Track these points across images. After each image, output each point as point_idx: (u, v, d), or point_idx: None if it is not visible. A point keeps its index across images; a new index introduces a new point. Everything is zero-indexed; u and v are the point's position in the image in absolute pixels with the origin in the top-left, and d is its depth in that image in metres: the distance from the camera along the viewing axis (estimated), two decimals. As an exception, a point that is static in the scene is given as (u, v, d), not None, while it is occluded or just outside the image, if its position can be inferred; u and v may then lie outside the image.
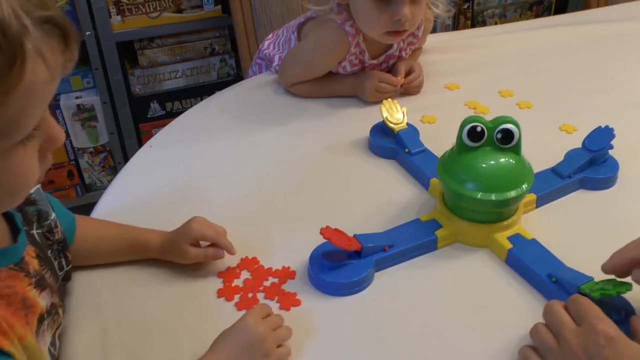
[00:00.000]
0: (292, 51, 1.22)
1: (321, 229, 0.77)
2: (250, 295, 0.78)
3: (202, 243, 0.81)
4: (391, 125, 1.03)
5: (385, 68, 1.23)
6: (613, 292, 0.69)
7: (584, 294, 0.71)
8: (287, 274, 0.80)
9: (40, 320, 0.60)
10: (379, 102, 1.07)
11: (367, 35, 1.15)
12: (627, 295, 0.71)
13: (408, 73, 1.20)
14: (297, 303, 0.77)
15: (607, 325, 0.62)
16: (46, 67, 0.48)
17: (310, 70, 1.18)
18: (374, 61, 1.19)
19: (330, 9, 1.14)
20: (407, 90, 1.20)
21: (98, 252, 0.80)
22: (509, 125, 0.80)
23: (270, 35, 1.36)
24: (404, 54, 1.22)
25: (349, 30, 1.13)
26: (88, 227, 0.79)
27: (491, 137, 0.81)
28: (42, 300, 0.61)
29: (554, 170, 0.94)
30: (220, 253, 0.80)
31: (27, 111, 0.49)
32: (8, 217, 0.62)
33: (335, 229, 0.78)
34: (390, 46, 1.20)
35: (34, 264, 0.62)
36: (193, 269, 0.81)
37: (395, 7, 1.06)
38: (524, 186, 0.81)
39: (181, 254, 0.79)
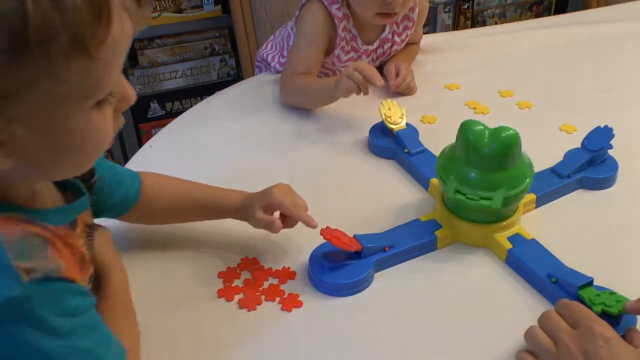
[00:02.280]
0: (290, 49, 1.22)
1: (321, 230, 0.77)
2: (251, 295, 0.78)
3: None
4: (391, 125, 1.03)
5: (381, 53, 1.23)
6: (615, 310, 0.69)
7: (583, 302, 0.71)
8: (287, 275, 0.80)
9: (90, 281, 0.60)
10: (347, 96, 1.05)
11: (358, 20, 1.15)
12: (628, 296, 0.71)
13: (396, 74, 1.20)
14: (298, 304, 0.77)
15: (603, 327, 0.63)
16: (130, 21, 0.48)
17: (303, 61, 1.16)
18: (369, 46, 1.20)
19: None
20: (403, 89, 1.19)
21: (177, 208, 0.81)
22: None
23: (272, 37, 1.37)
24: (397, 38, 1.22)
25: (335, 13, 1.14)
26: (162, 184, 0.79)
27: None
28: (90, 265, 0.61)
29: (553, 170, 0.94)
30: (290, 224, 0.80)
31: (111, 69, 0.49)
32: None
33: (335, 230, 0.78)
34: (382, 30, 1.20)
35: (83, 229, 0.62)
36: (193, 269, 0.81)
37: None
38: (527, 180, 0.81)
39: (251, 216, 0.80)
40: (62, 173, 0.56)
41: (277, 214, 0.81)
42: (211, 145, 1.07)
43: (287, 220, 0.81)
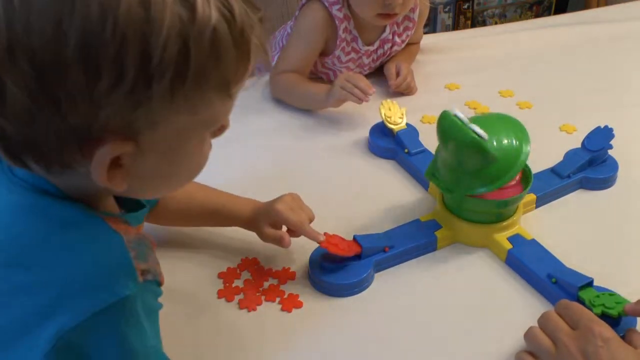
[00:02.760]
0: (281, 51, 1.22)
1: (320, 243, 0.77)
2: (251, 296, 0.78)
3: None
4: (391, 125, 1.03)
5: (382, 54, 1.23)
6: (614, 312, 0.69)
7: (583, 303, 0.71)
8: (287, 275, 0.80)
9: None
10: (338, 106, 1.08)
11: (358, 20, 1.15)
12: (628, 297, 0.71)
13: (396, 74, 1.20)
14: (298, 305, 0.77)
15: (603, 327, 0.63)
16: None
17: (294, 60, 1.16)
18: (369, 47, 1.20)
19: None
20: (403, 89, 1.19)
21: (189, 213, 0.81)
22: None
23: (271, 37, 1.37)
24: (398, 38, 1.22)
25: (336, 13, 1.14)
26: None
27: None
28: None
29: (553, 171, 0.94)
30: (288, 243, 0.79)
31: (233, 102, 0.52)
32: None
33: (334, 236, 0.78)
34: (383, 30, 1.20)
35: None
36: (193, 269, 0.81)
37: None
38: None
39: (259, 231, 0.80)
40: (160, 193, 0.58)
41: (285, 227, 0.81)
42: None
43: (295, 233, 0.81)
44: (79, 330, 0.47)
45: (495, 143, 0.78)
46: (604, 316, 0.67)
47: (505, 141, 0.79)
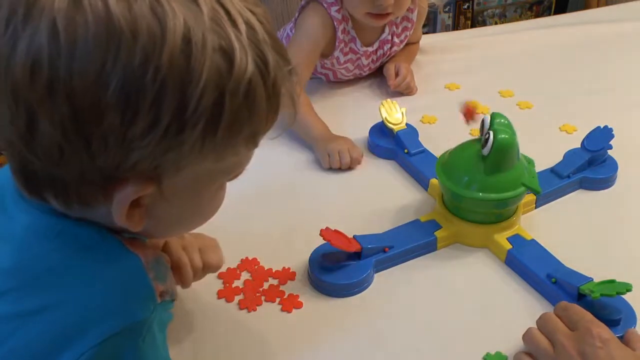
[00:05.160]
0: (289, 46, 1.22)
1: (321, 230, 0.77)
2: (251, 296, 0.78)
3: None
4: (390, 125, 1.03)
5: (381, 55, 1.23)
6: (613, 292, 0.69)
7: (584, 295, 0.72)
8: (287, 275, 0.80)
9: None
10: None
11: (356, 22, 1.15)
12: (628, 297, 0.72)
13: (396, 74, 1.20)
14: (298, 305, 0.77)
15: (602, 329, 0.63)
16: None
17: (298, 60, 1.14)
18: (368, 48, 1.20)
19: None
20: (403, 89, 1.19)
21: None
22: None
23: None
24: (396, 39, 1.22)
25: (334, 15, 1.14)
26: None
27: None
28: None
29: (553, 171, 0.94)
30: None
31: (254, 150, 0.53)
32: None
33: (335, 231, 0.78)
34: (382, 31, 1.20)
35: None
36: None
37: None
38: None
39: None
40: (171, 234, 0.59)
41: None
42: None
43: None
44: (96, 351, 0.47)
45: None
46: (603, 320, 0.67)
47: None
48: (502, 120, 0.80)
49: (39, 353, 0.48)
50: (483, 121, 0.81)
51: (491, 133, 0.78)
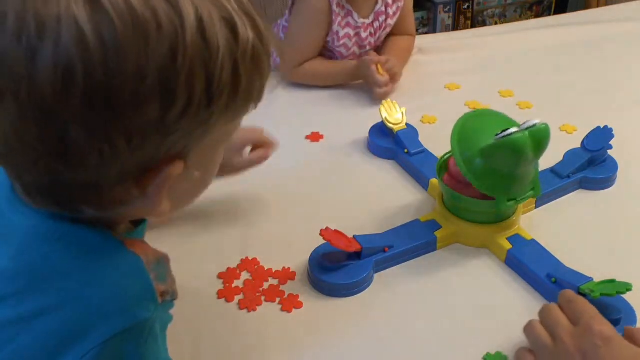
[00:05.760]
0: (285, 36, 1.24)
1: (321, 230, 0.77)
2: (251, 296, 0.78)
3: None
4: (390, 125, 1.03)
5: (378, 27, 1.26)
6: (613, 292, 0.69)
7: (584, 294, 0.72)
8: (287, 275, 0.80)
9: None
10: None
11: None
12: (628, 297, 0.72)
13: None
14: (298, 305, 0.77)
15: (604, 326, 0.61)
16: None
17: (303, 43, 1.21)
18: (365, 20, 1.23)
19: None
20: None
21: None
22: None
23: None
24: (390, 10, 1.25)
25: None
26: None
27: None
28: None
29: (553, 171, 0.95)
30: (267, 153, 0.87)
31: None
32: None
33: (335, 231, 0.78)
34: (375, 3, 1.23)
35: None
36: (193, 269, 0.81)
37: None
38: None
39: (229, 167, 0.83)
40: (181, 207, 0.58)
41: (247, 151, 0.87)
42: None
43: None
44: (98, 352, 0.47)
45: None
46: (605, 317, 0.67)
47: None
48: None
49: (41, 355, 0.48)
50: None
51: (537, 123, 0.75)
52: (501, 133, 0.76)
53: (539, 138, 0.75)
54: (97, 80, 0.41)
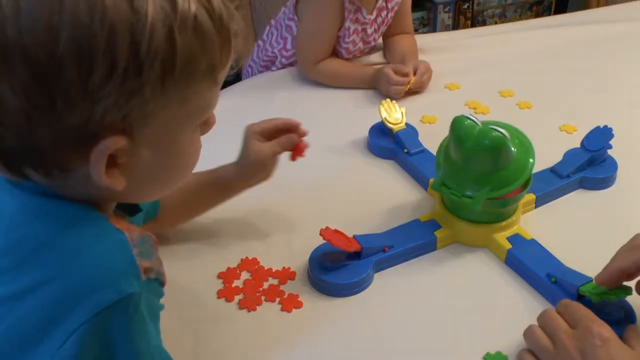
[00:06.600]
0: (299, 32, 1.25)
1: (321, 230, 0.77)
2: (251, 296, 0.78)
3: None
4: (390, 125, 1.03)
5: (381, 22, 1.27)
6: (612, 296, 0.69)
7: (584, 296, 0.72)
8: (287, 275, 0.80)
9: None
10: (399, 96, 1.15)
11: None
12: (628, 297, 0.72)
13: (414, 72, 1.20)
14: (298, 305, 0.77)
15: (602, 328, 0.63)
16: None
17: (321, 39, 1.22)
18: (371, 16, 1.24)
19: None
20: (417, 86, 1.19)
21: (188, 198, 0.81)
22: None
23: (260, 41, 1.37)
24: (389, 4, 1.26)
25: None
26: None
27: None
28: None
29: (553, 170, 0.95)
30: (295, 137, 0.83)
31: (219, 91, 0.54)
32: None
33: (335, 230, 0.78)
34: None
35: None
36: (193, 269, 0.81)
37: None
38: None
39: (258, 163, 0.82)
40: (157, 192, 0.58)
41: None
42: (210, 146, 1.07)
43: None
44: (84, 330, 0.48)
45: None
46: (604, 319, 0.67)
47: (515, 149, 0.80)
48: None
49: (32, 330, 0.49)
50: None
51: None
52: None
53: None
54: (9, 37, 0.42)
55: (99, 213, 0.52)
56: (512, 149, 0.79)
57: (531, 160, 0.82)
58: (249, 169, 0.82)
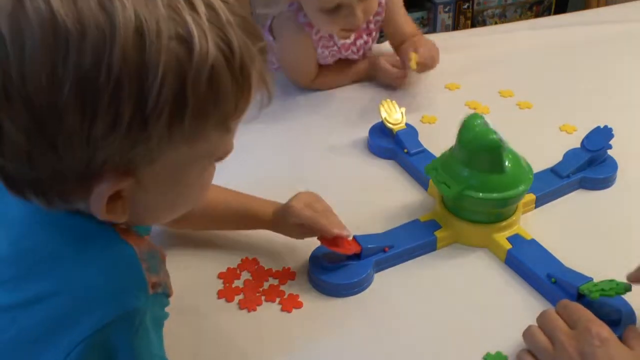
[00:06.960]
0: (282, 58, 1.22)
1: (320, 240, 0.77)
2: (251, 296, 0.78)
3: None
4: (390, 125, 1.03)
5: (362, 44, 1.23)
6: (612, 293, 0.69)
7: (583, 295, 0.72)
8: (287, 275, 0.80)
9: None
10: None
11: None
12: (628, 297, 0.72)
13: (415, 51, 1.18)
14: (298, 305, 0.77)
15: (601, 328, 0.63)
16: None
17: (302, 63, 1.20)
18: (347, 40, 1.20)
19: (281, 10, 1.16)
20: (425, 67, 1.17)
21: (214, 215, 0.81)
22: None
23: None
24: (371, 25, 1.22)
25: (303, 20, 1.15)
26: None
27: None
28: None
29: (553, 170, 0.94)
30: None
31: (234, 133, 0.52)
32: None
33: (333, 239, 0.78)
34: None
35: None
36: (193, 269, 0.81)
37: (346, 17, 1.06)
38: (521, 187, 0.81)
39: (288, 232, 0.81)
40: (160, 221, 0.58)
41: None
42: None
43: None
44: (88, 342, 0.47)
45: (507, 163, 0.81)
46: (603, 319, 0.67)
47: (509, 165, 0.81)
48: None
49: (35, 341, 0.48)
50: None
51: None
52: None
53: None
54: (13, 80, 0.41)
55: (107, 226, 0.51)
56: (506, 162, 0.80)
57: (522, 187, 0.81)
58: (282, 232, 0.82)
